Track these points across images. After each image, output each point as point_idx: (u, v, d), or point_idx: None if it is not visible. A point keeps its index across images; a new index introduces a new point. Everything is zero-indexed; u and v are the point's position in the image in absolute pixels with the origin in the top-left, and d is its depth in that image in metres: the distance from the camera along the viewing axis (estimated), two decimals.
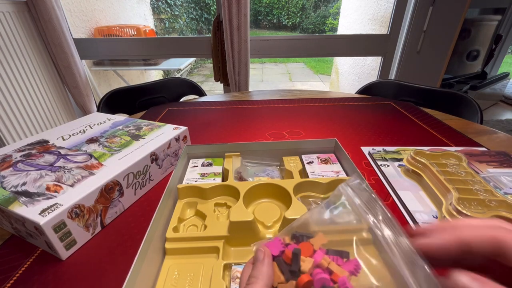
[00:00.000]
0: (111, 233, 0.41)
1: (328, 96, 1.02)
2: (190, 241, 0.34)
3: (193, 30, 4.51)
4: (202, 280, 0.31)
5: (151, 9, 3.26)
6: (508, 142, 0.65)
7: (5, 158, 0.47)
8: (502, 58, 2.65)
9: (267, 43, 1.51)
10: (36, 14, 1.29)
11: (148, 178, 0.50)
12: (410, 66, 1.53)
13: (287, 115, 0.85)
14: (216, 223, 0.37)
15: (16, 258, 0.37)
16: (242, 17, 1.28)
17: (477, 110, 0.83)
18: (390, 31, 1.50)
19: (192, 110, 0.92)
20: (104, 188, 0.41)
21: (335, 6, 5.40)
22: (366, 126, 0.76)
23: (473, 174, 0.45)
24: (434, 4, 1.37)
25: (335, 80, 3.27)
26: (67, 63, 1.41)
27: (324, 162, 0.50)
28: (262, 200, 0.43)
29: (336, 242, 0.21)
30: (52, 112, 1.49)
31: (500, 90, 2.64)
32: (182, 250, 0.34)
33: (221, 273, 0.30)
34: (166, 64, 2.20)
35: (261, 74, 4.51)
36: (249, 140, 0.69)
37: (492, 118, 2.44)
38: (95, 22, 2.13)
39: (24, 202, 0.36)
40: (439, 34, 1.44)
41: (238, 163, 0.49)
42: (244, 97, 1.05)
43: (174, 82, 1.13)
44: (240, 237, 0.35)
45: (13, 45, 1.26)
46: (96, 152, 0.49)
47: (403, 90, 1.03)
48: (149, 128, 0.59)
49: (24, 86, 1.33)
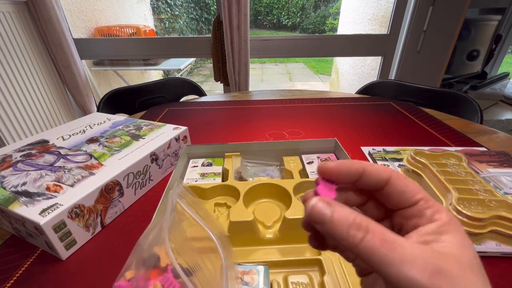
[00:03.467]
0: (111, 233, 0.41)
1: (328, 96, 1.02)
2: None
3: (193, 30, 4.51)
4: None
5: (151, 9, 3.25)
6: (508, 142, 0.65)
7: (5, 158, 0.47)
8: (502, 58, 2.65)
9: (267, 43, 1.51)
10: (36, 14, 1.29)
11: (148, 178, 0.50)
12: (410, 66, 1.53)
13: (287, 115, 0.85)
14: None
15: (16, 258, 0.37)
16: (242, 17, 1.28)
17: (477, 110, 0.83)
18: (390, 31, 1.50)
19: (192, 110, 0.92)
20: (104, 188, 0.41)
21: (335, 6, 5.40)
22: (366, 126, 0.76)
23: (473, 174, 0.45)
24: (434, 4, 1.37)
25: (335, 80, 3.27)
26: (67, 63, 1.41)
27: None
28: (262, 200, 0.43)
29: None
30: (52, 112, 1.49)
31: (500, 90, 2.64)
32: None
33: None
34: (166, 64, 2.20)
35: (261, 74, 4.51)
36: (249, 140, 0.69)
37: (492, 118, 2.44)
38: (95, 22, 2.13)
39: (24, 202, 0.36)
40: (439, 34, 1.44)
41: (238, 163, 0.49)
42: (244, 97, 1.05)
43: (174, 82, 1.13)
44: (240, 237, 0.35)
45: (13, 45, 1.26)
46: (96, 152, 0.49)
47: (403, 90, 1.03)
48: (149, 128, 0.59)
49: (24, 86, 1.33)
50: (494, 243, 0.36)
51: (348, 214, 0.14)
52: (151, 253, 0.24)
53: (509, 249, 0.35)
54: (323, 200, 0.15)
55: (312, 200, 0.16)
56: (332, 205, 0.15)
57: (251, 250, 0.35)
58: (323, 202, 0.15)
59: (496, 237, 0.36)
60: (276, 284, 0.31)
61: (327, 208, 0.15)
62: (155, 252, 0.24)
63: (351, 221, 0.14)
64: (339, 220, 0.14)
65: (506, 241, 0.35)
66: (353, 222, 0.14)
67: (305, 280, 0.31)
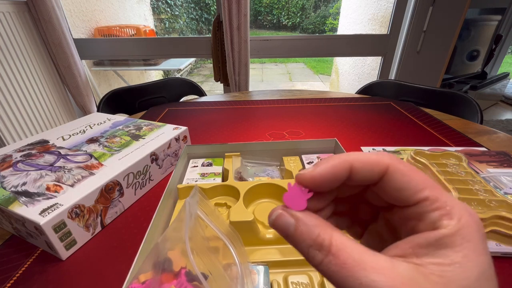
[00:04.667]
0: (111, 233, 0.41)
1: (328, 96, 1.02)
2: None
3: (193, 30, 4.51)
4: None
5: (151, 9, 3.25)
6: (508, 142, 0.65)
7: (5, 158, 0.47)
8: (502, 58, 2.65)
9: (267, 43, 1.51)
10: (36, 14, 1.29)
11: (148, 178, 0.50)
12: (410, 66, 1.53)
13: (287, 115, 0.85)
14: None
15: (16, 258, 0.37)
16: (242, 17, 1.28)
17: (477, 110, 0.83)
18: (390, 31, 1.50)
19: (192, 110, 0.92)
20: (104, 188, 0.41)
21: (335, 6, 5.40)
22: (366, 126, 0.76)
23: (473, 174, 0.45)
24: (434, 4, 1.37)
25: (335, 80, 3.27)
26: (67, 63, 1.41)
27: None
28: (262, 200, 0.43)
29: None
30: (52, 112, 1.49)
31: (500, 90, 2.64)
32: None
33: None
34: (166, 64, 2.20)
35: (261, 74, 4.51)
36: (249, 140, 0.69)
37: (492, 118, 2.44)
38: (95, 22, 2.13)
39: (24, 202, 0.36)
40: (439, 34, 1.44)
41: (238, 163, 0.49)
42: (244, 97, 1.05)
43: (174, 82, 1.13)
44: None
45: (13, 45, 1.26)
46: (96, 152, 0.49)
47: (403, 90, 1.03)
48: (149, 128, 0.59)
49: (24, 86, 1.33)
50: (494, 243, 0.36)
51: (311, 230, 0.13)
52: (165, 257, 0.24)
53: (509, 249, 0.35)
54: (285, 213, 0.14)
55: (275, 212, 0.14)
56: (296, 218, 0.14)
57: (251, 250, 0.35)
58: (285, 216, 0.14)
59: (496, 237, 0.36)
60: (276, 284, 0.31)
61: (289, 220, 0.14)
62: (168, 256, 0.24)
63: (313, 239, 0.13)
64: (301, 236, 0.13)
65: (506, 241, 0.35)
66: (315, 241, 0.13)
67: (305, 280, 0.31)
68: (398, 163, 0.13)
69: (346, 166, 0.14)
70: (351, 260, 0.11)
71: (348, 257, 0.12)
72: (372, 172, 0.13)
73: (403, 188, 0.13)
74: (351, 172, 0.14)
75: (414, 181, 0.13)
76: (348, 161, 0.14)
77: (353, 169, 0.14)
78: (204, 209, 0.28)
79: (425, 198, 0.12)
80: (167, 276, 0.23)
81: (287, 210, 0.14)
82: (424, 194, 0.13)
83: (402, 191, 0.13)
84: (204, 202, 0.29)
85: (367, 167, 0.14)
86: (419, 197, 0.13)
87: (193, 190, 0.29)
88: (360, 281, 0.11)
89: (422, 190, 0.13)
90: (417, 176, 0.13)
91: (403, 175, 0.13)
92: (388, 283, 0.10)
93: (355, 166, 0.14)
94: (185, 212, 0.26)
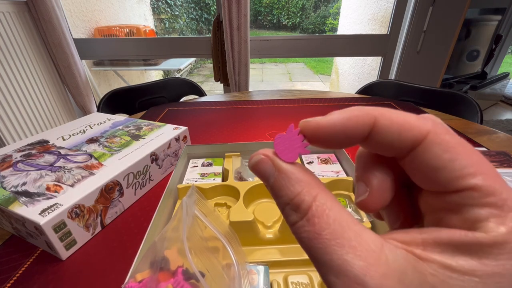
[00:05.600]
0: (111, 233, 0.41)
1: (328, 96, 1.02)
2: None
3: (193, 30, 4.51)
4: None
5: (151, 9, 3.25)
6: (508, 142, 0.65)
7: (5, 158, 0.47)
8: (502, 58, 2.65)
9: (267, 43, 1.51)
10: (36, 14, 1.29)
11: (148, 178, 0.50)
12: (410, 66, 1.53)
13: (287, 115, 0.85)
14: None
15: (16, 258, 0.37)
16: (242, 17, 1.28)
17: (477, 110, 0.83)
18: (390, 31, 1.50)
19: (192, 110, 0.92)
20: (104, 188, 0.41)
21: (335, 6, 5.40)
22: None
23: None
24: (434, 4, 1.37)
25: (335, 80, 3.27)
26: (67, 63, 1.41)
27: (324, 162, 0.50)
28: (262, 200, 0.43)
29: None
30: (52, 112, 1.49)
31: (500, 90, 2.64)
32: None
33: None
34: (166, 64, 2.20)
35: (261, 74, 4.51)
36: (249, 140, 0.69)
37: (492, 118, 2.44)
38: (95, 22, 2.13)
39: (24, 202, 0.36)
40: (439, 34, 1.44)
41: (238, 163, 0.49)
42: (244, 97, 1.05)
43: (174, 82, 1.13)
44: (240, 237, 0.35)
45: (13, 45, 1.26)
46: (96, 152, 0.49)
47: (403, 90, 1.03)
48: (149, 128, 0.59)
49: (24, 86, 1.33)
50: None
51: (292, 186, 0.11)
52: (162, 256, 0.24)
53: None
54: (268, 160, 0.12)
55: (257, 156, 0.12)
56: (278, 169, 0.11)
57: (251, 250, 0.35)
58: (266, 163, 0.12)
59: None
60: (276, 284, 0.31)
61: (270, 170, 0.12)
62: (165, 255, 0.24)
63: (291, 197, 0.11)
64: (279, 191, 0.11)
65: None
66: (293, 200, 0.11)
67: (305, 280, 0.31)
68: (444, 132, 0.10)
69: (366, 121, 0.11)
70: (329, 231, 0.09)
71: (326, 227, 0.10)
72: (400, 137, 0.10)
73: (442, 167, 0.09)
74: (373, 131, 0.10)
75: (461, 161, 0.09)
76: (371, 114, 0.11)
77: (376, 126, 0.10)
78: (202, 209, 0.28)
79: (474, 187, 0.09)
80: (164, 275, 0.23)
81: (272, 158, 0.12)
82: (474, 181, 0.09)
83: (439, 171, 0.09)
84: (202, 202, 0.29)
85: (395, 128, 0.10)
86: (465, 184, 0.09)
87: (190, 189, 0.29)
88: (331, 257, 0.09)
89: (471, 175, 0.09)
90: (467, 154, 0.09)
91: (446, 150, 0.09)
92: (363, 270, 0.08)
93: (380, 123, 0.10)
94: (182, 211, 0.26)
